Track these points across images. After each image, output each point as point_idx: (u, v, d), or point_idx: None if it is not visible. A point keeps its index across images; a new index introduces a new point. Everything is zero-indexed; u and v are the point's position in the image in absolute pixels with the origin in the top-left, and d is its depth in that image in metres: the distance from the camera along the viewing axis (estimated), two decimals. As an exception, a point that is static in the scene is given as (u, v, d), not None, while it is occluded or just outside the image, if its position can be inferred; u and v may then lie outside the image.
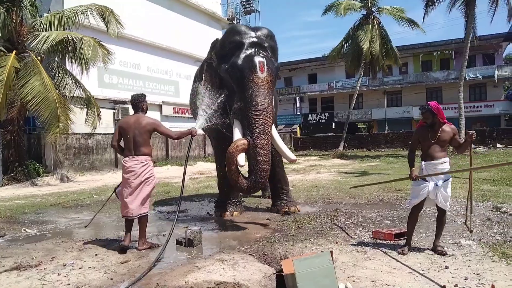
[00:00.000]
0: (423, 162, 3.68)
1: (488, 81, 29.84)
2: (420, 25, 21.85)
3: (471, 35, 18.24)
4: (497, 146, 22.59)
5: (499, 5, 17.83)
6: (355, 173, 11.91)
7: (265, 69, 4.74)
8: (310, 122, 35.62)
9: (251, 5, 28.57)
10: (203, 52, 25.04)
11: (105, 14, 12.71)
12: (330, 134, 30.68)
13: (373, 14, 22.69)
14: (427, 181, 3.62)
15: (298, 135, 33.27)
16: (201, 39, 23.65)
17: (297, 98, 36.87)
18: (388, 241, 4.08)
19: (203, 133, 5.47)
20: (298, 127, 35.05)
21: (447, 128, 3.67)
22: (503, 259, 3.35)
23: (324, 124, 34.48)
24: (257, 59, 4.74)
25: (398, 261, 3.47)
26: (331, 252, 3.10)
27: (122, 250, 3.99)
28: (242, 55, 4.82)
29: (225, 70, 4.89)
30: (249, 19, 29.32)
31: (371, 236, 4.30)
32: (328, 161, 18.43)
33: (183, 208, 6.49)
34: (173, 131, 4.46)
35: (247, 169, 4.73)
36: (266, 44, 5.04)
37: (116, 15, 12.93)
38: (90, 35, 12.88)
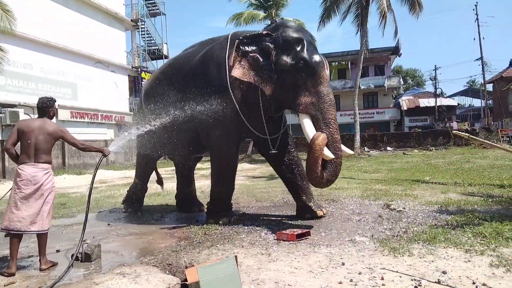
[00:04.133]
0: None
1: (379, 90, 33.03)
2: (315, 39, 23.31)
3: (365, 48, 19.97)
4: (388, 149, 24.93)
5: (388, 23, 19.73)
6: (262, 177, 12.22)
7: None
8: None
9: (157, 8, 27.88)
10: (104, 53, 23.77)
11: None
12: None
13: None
14: None
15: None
16: (102, 40, 22.43)
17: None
18: (291, 241, 4.22)
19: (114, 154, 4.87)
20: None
21: None
22: (392, 253, 3.66)
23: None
24: (323, 58, 4.86)
25: (299, 261, 3.60)
26: (236, 257, 3.10)
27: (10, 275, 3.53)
28: (311, 52, 4.79)
29: (292, 64, 4.71)
30: (155, 22, 28.60)
31: (275, 238, 4.42)
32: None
33: (81, 221, 6.01)
34: (80, 141, 4.09)
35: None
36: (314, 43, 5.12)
37: (5, 5, 11.63)
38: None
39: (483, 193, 6.72)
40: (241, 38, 4.86)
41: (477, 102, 48.89)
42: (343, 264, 3.45)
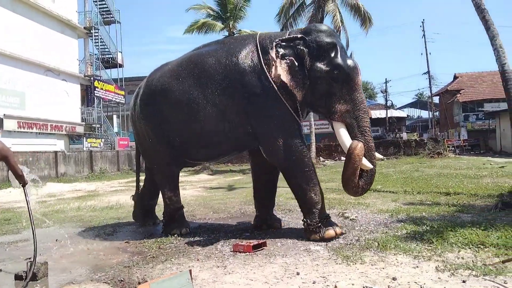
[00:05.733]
0: None
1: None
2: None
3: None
4: (342, 158, 25.61)
5: (341, 37, 20.40)
6: (220, 188, 12.15)
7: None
8: (175, 138, 35.24)
9: (111, 16, 27.30)
10: (55, 60, 22.96)
11: None
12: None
13: (235, 35, 23.79)
14: None
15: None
16: (53, 47, 21.60)
17: (162, 113, 36.20)
18: (248, 253, 4.22)
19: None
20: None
21: None
22: (345, 261, 3.74)
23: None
24: (356, 63, 4.71)
25: (255, 272, 3.60)
26: (190, 271, 3.05)
27: None
28: (345, 58, 4.68)
29: (328, 72, 4.60)
30: (109, 30, 27.95)
31: (232, 249, 4.39)
32: (195, 176, 18.44)
33: (26, 238, 5.69)
34: (20, 169, 3.75)
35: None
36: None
37: None
38: None
39: (430, 201, 7.04)
40: (280, 40, 4.73)
41: (425, 114, 51.49)
42: (298, 273, 3.48)
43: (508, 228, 4.46)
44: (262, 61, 4.80)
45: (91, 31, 25.48)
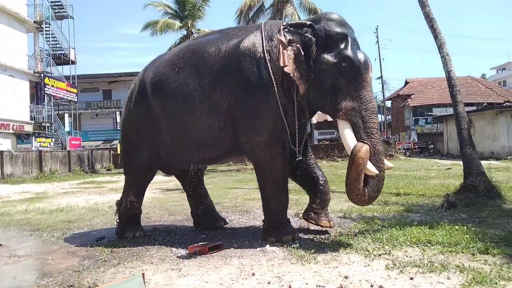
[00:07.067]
0: None
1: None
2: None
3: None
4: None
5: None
6: (176, 189, 11.95)
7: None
8: (132, 138, 34.35)
9: (64, 10, 26.23)
10: (2, 55, 21.79)
11: None
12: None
13: (193, 35, 23.56)
14: None
15: (119, 152, 31.66)
16: (0, 42, 20.43)
17: (117, 112, 35.29)
18: (204, 255, 4.18)
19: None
20: (118, 143, 33.38)
21: None
22: (299, 261, 3.80)
23: (146, 140, 33.72)
24: (368, 57, 4.29)
25: (210, 274, 3.57)
26: (143, 274, 2.98)
27: None
28: (355, 51, 4.24)
29: (335, 64, 4.17)
30: (61, 25, 26.86)
31: (187, 252, 4.34)
32: (149, 178, 18.02)
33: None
34: None
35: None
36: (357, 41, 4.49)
37: None
38: None
39: (382, 201, 7.29)
40: (285, 24, 4.35)
41: (378, 117, 53.31)
42: (253, 274, 3.49)
43: (453, 227, 4.72)
44: (265, 48, 4.43)
45: (42, 25, 24.36)
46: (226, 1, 60.73)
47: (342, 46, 4.22)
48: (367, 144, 4.06)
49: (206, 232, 5.37)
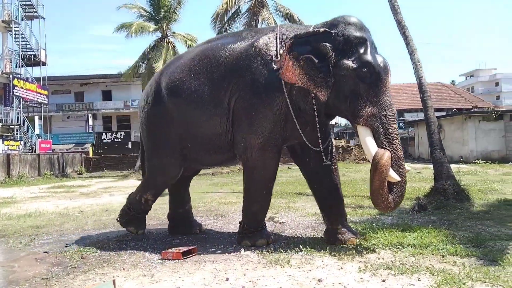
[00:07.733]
0: None
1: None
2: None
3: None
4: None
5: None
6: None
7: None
8: (104, 141, 33.60)
9: (34, 10, 25.43)
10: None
11: None
12: (127, 155, 29.60)
13: (168, 38, 23.32)
14: None
15: (91, 155, 30.94)
16: (-36, 40, 19.65)
17: (90, 115, 34.53)
18: (177, 260, 4.12)
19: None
20: (90, 147, 32.65)
21: None
22: (274, 265, 3.80)
23: (120, 144, 33.08)
24: (387, 61, 4.22)
25: (183, 280, 3.52)
26: (114, 281, 2.91)
27: None
28: (375, 55, 4.18)
29: (355, 69, 4.09)
30: (32, 25, 26.04)
31: (160, 257, 4.27)
32: (123, 182, 17.68)
33: None
34: None
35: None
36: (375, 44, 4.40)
37: None
38: None
39: (355, 204, 7.40)
40: (294, 37, 4.24)
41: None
42: (227, 279, 3.47)
43: (424, 229, 4.84)
44: (278, 51, 4.40)
45: (11, 25, 23.54)
46: (203, 4, 60.54)
47: (361, 51, 4.16)
48: (388, 150, 4.03)
49: (180, 237, 5.30)
